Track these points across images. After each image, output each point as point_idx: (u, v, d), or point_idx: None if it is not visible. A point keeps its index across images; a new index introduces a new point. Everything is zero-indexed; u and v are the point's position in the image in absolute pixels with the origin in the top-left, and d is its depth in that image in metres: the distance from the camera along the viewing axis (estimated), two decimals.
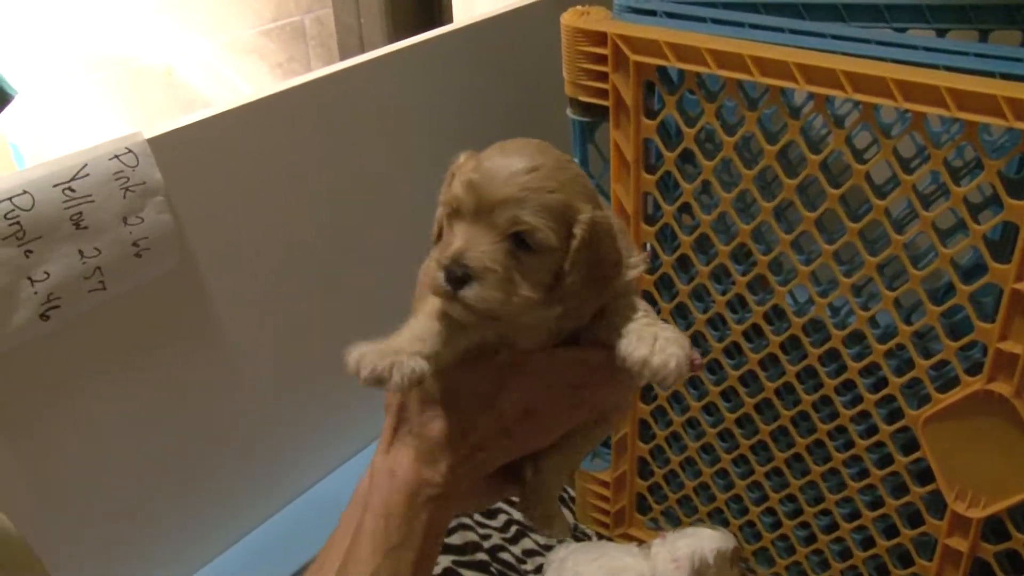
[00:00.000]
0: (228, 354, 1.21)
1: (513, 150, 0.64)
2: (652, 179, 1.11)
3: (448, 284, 0.61)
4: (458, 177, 0.64)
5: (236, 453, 1.28)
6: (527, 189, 0.61)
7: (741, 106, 1.01)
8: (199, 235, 1.10)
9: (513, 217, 0.61)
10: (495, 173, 0.62)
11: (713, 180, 1.07)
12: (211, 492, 1.26)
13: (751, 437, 1.22)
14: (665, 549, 1.16)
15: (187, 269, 1.10)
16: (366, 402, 1.43)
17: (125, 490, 1.14)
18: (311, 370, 1.33)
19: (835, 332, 1.07)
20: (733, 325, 1.16)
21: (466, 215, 0.62)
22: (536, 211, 0.61)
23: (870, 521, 1.16)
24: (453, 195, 0.63)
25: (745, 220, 1.08)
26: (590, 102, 1.10)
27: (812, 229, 1.03)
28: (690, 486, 1.33)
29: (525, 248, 0.62)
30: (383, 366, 0.60)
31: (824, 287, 1.09)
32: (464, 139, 1.39)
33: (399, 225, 1.39)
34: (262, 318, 1.24)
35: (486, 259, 0.61)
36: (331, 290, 1.33)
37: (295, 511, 1.36)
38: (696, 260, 1.15)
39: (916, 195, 0.94)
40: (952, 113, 0.85)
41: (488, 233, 0.61)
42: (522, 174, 0.62)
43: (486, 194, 0.61)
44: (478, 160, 0.64)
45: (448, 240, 0.63)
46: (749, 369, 1.17)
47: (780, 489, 1.24)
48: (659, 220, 1.14)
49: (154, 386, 1.14)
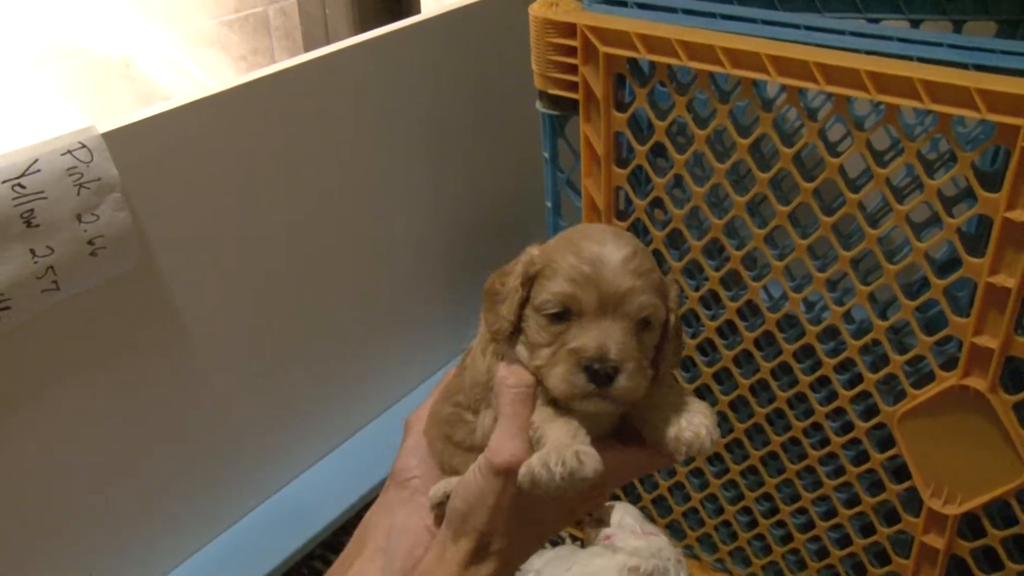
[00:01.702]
0: (191, 358, 1.20)
1: (602, 238, 0.66)
2: (623, 173, 1.10)
3: (593, 383, 0.63)
4: (560, 273, 0.65)
5: (202, 460, 1.27)
6: (641, 274, 0.65)
7: (713, 99, 1.00)
8: (159, 234, 1.09)
9: (641, 303, 0.64)
10: (607, 264, 0.64)
11: (685, 174, 1.07)
12: (177, 500, 1.25)
13: (726, 435, 1.22)
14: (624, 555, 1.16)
15: (146, 270, 1.09)
16: (335, 405, 1.45)
17: (88, 496, 1.13)
18: (280, 373, 1.32)
19: (810, 327, 1.07)
20: (707, 321, 1.16)
21: (588, 310, 0.64)
22: (653, 292, 0.65)
23: (846, 519, 1.16)
24: (565, 292, 0.65)
25: (718, 215, 1.08)
26: (560, 95, 1.09)
27: (786, 223, 1.03)
28: (664, 486, 1.33)
29: (645, 327, 0.66)
30: (569, 457, 0.62)
31: (798, 282, 1.09)
32: (433, 133, 1.44)
33: (370, 221, 1.38)
34: (226, 321, 1.23)
35: (627, 350, 0.63)
36: (300, 290, 1.31)
37: (263, 515, 1.36)
38: (668, 256, 1.14)
39: (890, 188, 0.94)
40: (926, 105, 0.85)
41: (619, 323, 0.64)
42: (631, 260, 0.65)
43: (610, 286, 0.64)
44: (571, 253, 0.66)
45: (564, 338, 0.65)
46: (723, 366, 1.17)
47: (756, 487, 1.24)
48: (631, 215, 1.14)
49: (114, 392, 1.12)
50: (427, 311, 1.56)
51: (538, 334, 0.66)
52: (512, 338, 0.69)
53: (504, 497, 0.67)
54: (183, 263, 1.14)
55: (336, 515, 1.36)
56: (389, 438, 1.42)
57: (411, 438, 0.80)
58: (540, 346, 0.66)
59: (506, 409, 0.68)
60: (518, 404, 0.68)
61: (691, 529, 1.35)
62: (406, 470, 0.77)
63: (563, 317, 0.65)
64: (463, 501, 0.68)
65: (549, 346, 0.66)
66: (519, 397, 0.68)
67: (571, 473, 0.61)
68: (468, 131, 1.49)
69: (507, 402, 0.68)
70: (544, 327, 0.66)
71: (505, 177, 1.60)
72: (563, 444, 0.63)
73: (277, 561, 1.28)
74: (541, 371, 0.66)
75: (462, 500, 0.68)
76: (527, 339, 0.68)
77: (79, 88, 1.65)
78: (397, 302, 1.48)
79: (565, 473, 0.61)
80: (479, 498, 0.67)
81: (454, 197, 1.52)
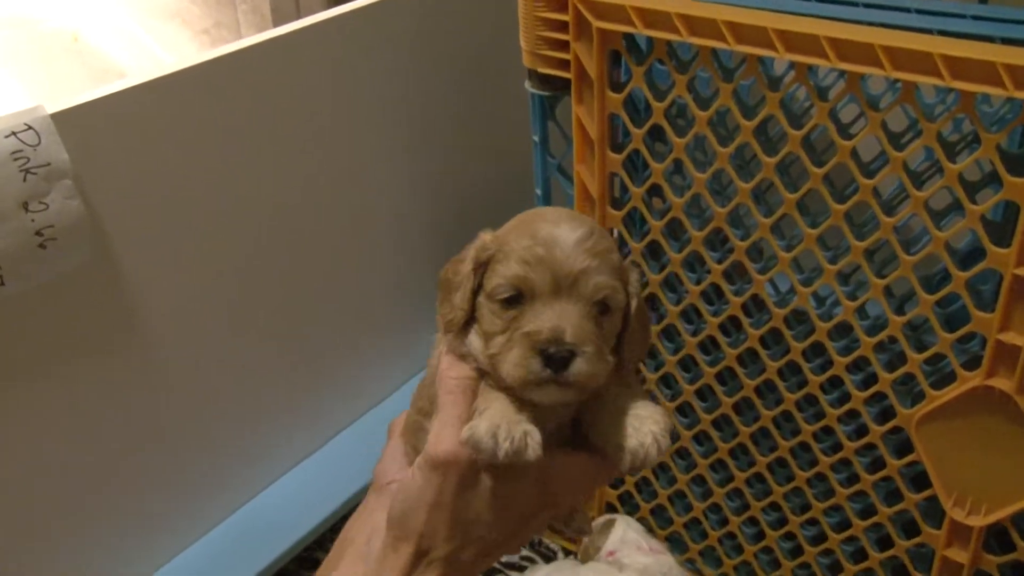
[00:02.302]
0: (152, 362, 1.19)
1: (556, 218, 0.67)
2: (619, 158, 1.10)
3: (548, 368, 0.63)
4: (512, 256, 0.66)
5: (166, 470, 1.26)
6: (597, 254, 0.65)
7: (716, 77, 1.00)
8: (115, 225, 1.07)
9: (597, 284, 0.65)
10: (561, 244, 0.65)
11: (685, 159, 1.07)
12: (136, 513, 1.23)
13: (730, 440, 1.22)
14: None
15: (102, 264, 1.08)
16: (310, 408, 1.44)
17: (35, 509, 1.12)
18: (251, 375, 1.32)
19: (820, 324, 1.07)
20: (709, 318, 1.15)
21: (542, 292, 0.65)
22: (611, 274, 0.66)
23: (861, 531, 1.16)
24: (517, 275, 0.65)
25: (721, 203, 1.07)
26: (550, 74, 1.10)
27: (794, 212, 1.03)
28: (664, 494, 1.33)
29: (604, 312, 0.66)
30: (518, 436, 0.63)
31: (807, 275, 1.09)
32: (413, 116, 1.43)
33: (346, 211, 1.37)
34: (192, 321, 1.21)
35: (585, 333, 0.64)
36: (272, 287, 1.30)
37: (231, 528, 1.35)
38: (668, 247, 1.14)
39: (907, 173, 0.94)
40: (947, 82, 0.84)
41: (575, 305, 0.64)
42: (586, 240, 0.65)
43: (564, 266, 0.64)
44: (524, 236, 0.66)
45: (517, 323, 0.65)
46: (727, 366, 1.17)
47: (762, 496, 1.24)
48: (626, 203, 1.14)
49: (67, 399, 1.11)
50: (409, 308, 1.56)
51: (491, 322, 0.67)
52: (466, 329, 0.70)
53: (443, 494, 0.67)
54: (143, 257, 1.13)
55: (310, 527, 1.35)
56: (369, 443, 1.43)
57: (392, 442, 0.81)
58: (493, 334, 0.67)
59: (445, 399, 0.69)
60: (457, 394, 0.69)
61: (693, 542, 1.35)
62: (385, 475, 0.78)
63: (516, 301, 0.66)
64: (402, 501, 0.69)
65: (503, 333, 0.66)
66: (459, 387, 0.69)
67: (516, 452, 0.63)
68: (451, 114, 1.49)
69: (445, 391, 0.69)
70: (497, 313, 0.67)
71: (491, 164, 1.60)
72: (513, 420, 0.64)
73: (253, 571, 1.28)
74: (495, 360, 0.66)
75: (401, 500, 0.69)
76: (480, 328, 0.68)
77: (23, 65, 1.62)
78: (377, 298, 1.48)
79: (510, 451, 0.62)
80: (417, 497, 0.68)
81: (436, 186, 1.52)
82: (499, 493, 0.68)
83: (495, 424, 0.64)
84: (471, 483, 0.67)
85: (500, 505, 0.68)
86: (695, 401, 1.23)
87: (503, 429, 0.63)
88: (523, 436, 0.63)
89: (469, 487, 0.67)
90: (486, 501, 0.68)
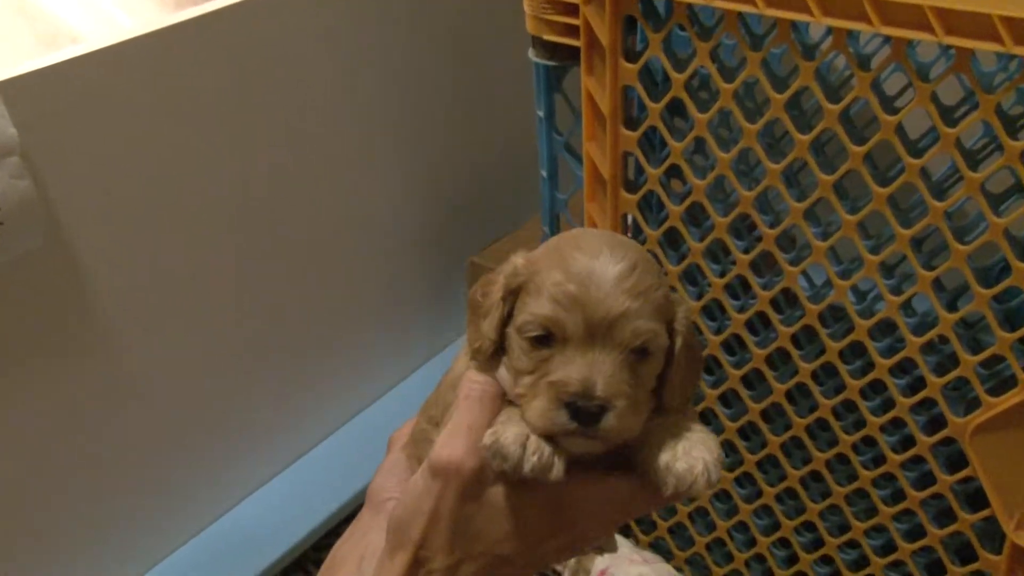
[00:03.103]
0: (113, 357, 1.19)
1: (595, 248, 0.67)
2: (633, 136, 1.10)
3: (576, 421, 0.64)
4: (543, 292, 0.66)
5: (126, 482, 1.26)
6: (639, 294, 0.65)
7: (742, 45, 0.99)
8: (69, 206, 1.08)
9: (635, 330, 0.65)
10: (598, 282, 0.65)
11: (708, 137, 1.06)
12: (92, 532, 1.24)
13: (757, 451, 1.21)
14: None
15: (56, 249, 1.08)
16: (287, 415, 1.44)
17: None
18: (222, 377, 1.33)
19: (860, 322, 1.06)
20: (734, 314, 1.15)
21: (574, 337, 0.65)
22: (652, 316, 0.66)
23: (908, 555, 1.15)
24: (547, 316, 0.65)
25: (748, 185, 1.07)
26: (557, 41, 1.09)
27: (830, 195, 1.01)
28: (684, 512, 1.32)
29: (642, 357, 0.66)
30: (547, 452, 0.65)
31: (846, 266, 1.08)
32: (406, 88, 1.44)
33: (330, 196, 1.38)
34: (156, 313, 1.22)
35: (618, 385, 0.64)
36: (246, 277, 1.31)
37: (199, 549, 1.36)
38: (688, 235, 1.13)
39: (961, 152, 0.92)
40: (1008, 48, 0.81)
41: (609, 352, 0.65)
42: (627, 277, 0.65)
43: (599, 309, 0.64)
44: (558, 268, 0.66)
45: (547, 367, 0.66)
46: (753, 367, 1.16)
47: (794, 515, 1.23)
48: (642, 186, 1.13)
49: (15, 399, 1.11)
50: (399, 303, 1.57)
51: (519, 359, 0.68)
52: (495, 358, 0.71)
53: (443, 503, 0.68)
54: (103, 243, 1.13)
55: (286, 549, 1.35)
56: (352, 455, 1.48)
57: (392, 456, 0.81)
58: (522, 372, 0.68)
59: (460, 404, 0.70)
60: (474, 401, 0.70)
61: (717, 565, 1.34)
62: (382, 491, 0.78)
63: (547, 342, 0.66)
64: (403, 508, 0.70)
65: (531, 373, 0.67)
66: (477, 394, 0.70)
67: (543, 468, 0.64)
68: (448, 87, 1.50)
69: (463, 396, 0.70)
70: (526, 351, 0.67)
71: (491, 142, 1.61)
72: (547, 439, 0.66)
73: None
74: (521, 401, 0.67)
75: (402, 507, 0.70)
76: (509, 362, 0.69)
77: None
78: (363, 292, 1.49)
79: (537, 465, 0.64)
80: (416, 504, 0.69)
81: (431, 167, 1.53)
82: (505, 510, 0.68)
83: (523, 433, 0.65)
84: (473, 495, 0.68)
85: (506, 523, 0.69)
86: (718, 407, 1.22)
87: (532, 440, 0.65)
88: (551, 454, 0.65)
89: (471, 499, 0.68)
90: (489, 516, 0.69)
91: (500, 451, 0.64)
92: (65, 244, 1.09)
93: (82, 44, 1.07)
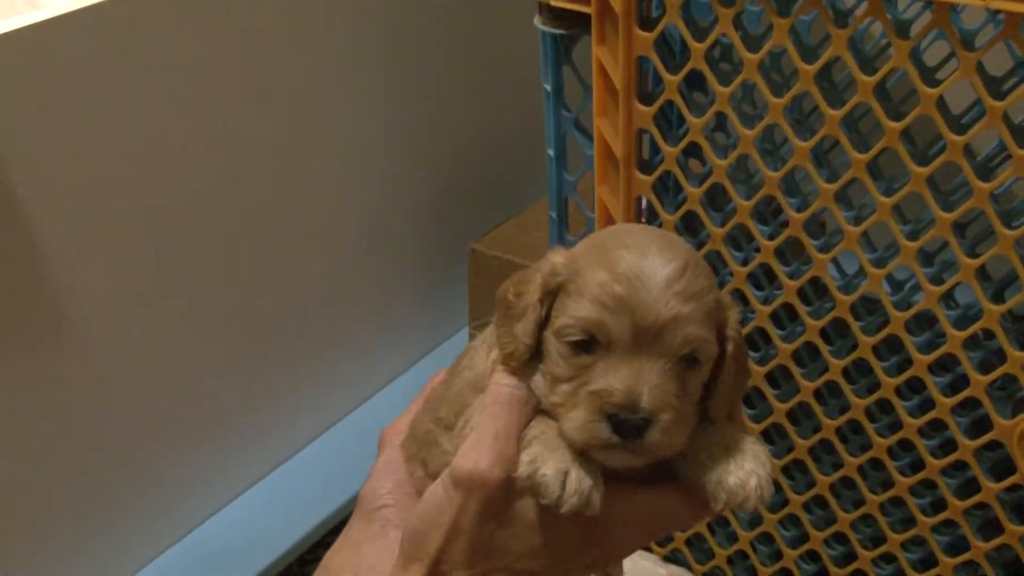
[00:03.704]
0: (69, 353, 1.18)
1: (643, 245, 0.66)
2: (649, 111, 1.09)
3: (618, 434, 0.64)
4: (586, 292, 0.66)
5: (91, 490, 1.25)
6: (690, 298, 0.65)
7: (768, 11, 0.98)
8: (29, 185, 1.08)
9: (686, 337, 0.64)
10: (647, 284, 0.64)
11: (730, 112, 1.05)
12: (56, 544, 1.24)
13: (783, 456, 1.21)
14: None
15: (14, 234, 1.08)
16: (266, 417, 1.44)
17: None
18: (193, 374, 1.32)
19: (896, 314, 1.05)
20: (758, 306, 1.14)
21: (619, 343, 0.64)
22: (703, 322, 0.66)
23: (949, 570, 1.14)
24: (590, 319, 0.65)
25: (773, 166, 1.06)
26: (566, 8, 1.08)
27: (864, 176, 1.01)
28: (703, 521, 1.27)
29: (691, 366, 0.66)
30: (587, 487, 0.65)
31: (880, 254, 1.08)
32: (398, 59, 1.44)
33: (312, 173, 1.37)
34: (129, 303, 1.21)
35: (665, 396, 0.64)
36: (216, 265, 1.30)
37: (172, 562, 1.36)
38: (707, 220, 1.13)
39: (1008, 127, 0.91)
40: None
41: (656, 361, 0.64)
42: (677, 280, 0.65)
43: (648, 314, 0.64)
44: (602, 266, 0.66)
45: (588, 375, 0.65)
46: (780, 364, 1.16)
47: (824, 526, 1.22)
48: (658, 167, 1.12)
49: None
50: (394, 293, 1.57)
51: (557, 364, 0.67)
52: (530, 364, 0.70)
53: (464, 517, 0.67)
54: (67, 228, 1.13)
55: (269, 562, 1.34)
56: (344, 457, 1.49)
57: (385, 455, 0.80)
58: (559, 380, 0.67)
59: (488, 410, 0.69)
60: (503, 406, 0.69)
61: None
62: (376, 497, 0.77)
63: (588, 347, 0.66)
64: (420, 518, 0.70)
65: (569, 381, 0.66)
66: (505, 398, 0.69)
67: (583, 504, 0.64)
68: (447, 59, 1.50)
69: (491, 400, 0.69)
70: (565, 357, 0.67)
71: (493, 119, 1.61)
72: (579, 461, 0.66)
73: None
74: (557, 411, 0.67)
75: (419, 517, 0.70)
76: (546, 368, 0.69)
77: None
78: (355, 282, 1.49)
79: (577, 504, 0.64)
80: (435, 516, 0.69)
81: (428, 146, 1.52)
82: (532, 525, 0.68)
83: (564, 468, 0.65)
84: (498, 510, 0.68)
85: (532, 538, 0.69)
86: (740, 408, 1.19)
87: (574, 476, 0.65)
88: (591, 489, 0.65)
89: (496, 515, 0.68)
90: (514, 532, 0.68)
91: (538, 487, 0.64)
92: (24, 227, 1.08)
93: (39, 10, 1.07)
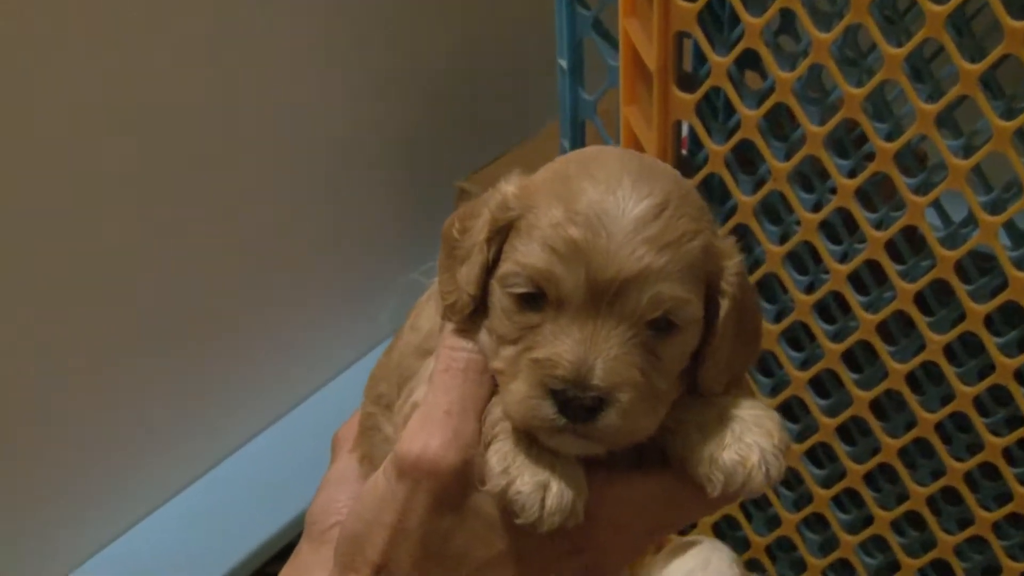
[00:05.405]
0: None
1: (613, 174, 0.65)
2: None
3: (564, 415, 0.62)
4: (535, 234, 0.65)
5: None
6: (666, 246, 0.63)
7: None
8: None
9: (657, 296, 0.63)
10: (610, 227, 0.63)
11: (800, 8, 1.03)
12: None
13: (865, 459, 1.21)
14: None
15: None
16: (201, 413, 1.51)
17: None
18: (116, 368, 1.41)
19: (1016, 274, 1.04)
20: (832, 264, 1.14)
21: (571, 300, 0.63)
22: (681, 278, 0.64)
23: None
24: (536, 268, 0.64)
25: (856, 80, 1.05)
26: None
27: (976, 93, 0.98)
28: (761, 544, 1.32)
29: (665, 332, 0.64)
30: (568, 500, 0.64)
31: (998, 194, 1.10)
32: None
33: (271, 81, 1.40)
34: (17, 290, 1.28)
35: (625, 371, 0.62)
36: (144, 228, 1.38)
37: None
38: (768, 151, 1.11)
39: None
40: None
41: (616, 325, 0.63)
42: (651, 222, 0.63)
43: (608, 266, 0.62)
44: (559, 201, 0.65)
45: (533, 338, 0.64)
46: (861, 339, 1.15)
47: (921, 552, 1.23)
48: (703, 81, 1.12)
49: None
50: (366, 245, 1.59)
51: (501, 322, 0.66)
52: (475, 318, 0.68)
53: (411, 513, 0.67)
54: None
55: None
56: (284, 460, 1.51)
57: (338, 464, 0.81)
58: (504, 341, 0.66)
59: (438, 379, 0.68)
60: (455, 375, 0.68)
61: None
62: (327, 514, 0.77)
63: (536, 303, 0.64)
64: (357, 518, 0.69)
65: (514, 344, 0.65)
66: (460, 364, 0.68)
67: (566, 519, 0.64)
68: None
69: (441, 369, 0.68)
70: (509, 313, 0.65)
71: (489, 26, 1.62)
72: (568, 465, 0.65)
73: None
74: (500, 380, 0.66)
75: (356, 516, 0.70)
76: (490, 324, 0.67)
77: None
78: (318, 234, 1.52)
79: (556, 522, 0.63)
80: (376, 513, 0.68)
81: (407, 60, 1.54)
82: (496, 523, 0.67)
83: (543, 481, 0.64)
84: (454, 504, 0.67)
85: (497, 541, 0.68)
86: (808, 395, 1.21)
87: (554, 491, 0.63)
88: (573, 500, 0.64)
89: (450, 508, 0.67)
90: (475, 533, 0.67)
91: (512, 504, 0.63)
92: None
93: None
